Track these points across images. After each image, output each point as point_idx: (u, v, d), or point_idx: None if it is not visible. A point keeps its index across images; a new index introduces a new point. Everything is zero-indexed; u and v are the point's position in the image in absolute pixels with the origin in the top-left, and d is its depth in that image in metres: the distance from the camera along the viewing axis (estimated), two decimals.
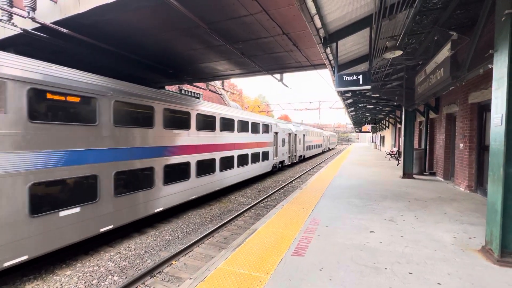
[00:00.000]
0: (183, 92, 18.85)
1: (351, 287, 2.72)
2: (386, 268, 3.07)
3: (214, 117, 9.30)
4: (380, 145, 33.10)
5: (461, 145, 7.39)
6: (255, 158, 12.87)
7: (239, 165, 11.16)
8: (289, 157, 19.54)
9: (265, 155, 14.17)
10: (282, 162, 17.73)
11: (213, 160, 9.23)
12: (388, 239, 3.94)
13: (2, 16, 5.84)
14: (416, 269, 3.06)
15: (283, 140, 17.66)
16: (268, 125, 14.62)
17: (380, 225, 4.55)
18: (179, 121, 7.62)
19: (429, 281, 2.81)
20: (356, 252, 3.51)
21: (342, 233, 4.18)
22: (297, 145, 21.54)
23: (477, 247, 3.62)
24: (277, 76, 11.90)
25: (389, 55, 5.73)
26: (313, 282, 2.81)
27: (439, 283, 2.76)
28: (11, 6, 5.84)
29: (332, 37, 5.79)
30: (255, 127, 12.90)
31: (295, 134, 20.92)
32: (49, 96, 4.56)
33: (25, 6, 5.65)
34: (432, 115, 10.60)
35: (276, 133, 16.29)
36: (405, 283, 2.77)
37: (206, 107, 8.98)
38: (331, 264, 3.19)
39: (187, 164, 7.85)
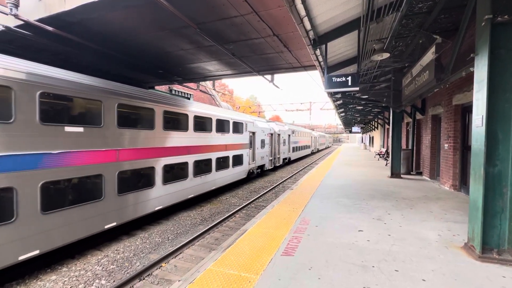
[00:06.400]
0: (173, 92, 18.64)
1: (339, 285, 2.76)
2: (373, 266, 3.13)
3: (307, 133, 31.62)
4: (370, 145, 33.74)
5: (446, 145, 7.62)
6: (305, 147, 29.69)
7: (301, 149, 27.22)
8: (315, 148, 38.90)
9: (308, 147, 31.88)
10: (313, 150, 36.35)
11: (304, 146, 29.27)
12: (375, 237, 4.02)
13: None
14: (402, 266, 3.13)
15: (313, 140, 36.85)
16: (310, 132, 33.92)
17: (368, 224, 4.64)
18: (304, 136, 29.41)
19: (414, 277, 2.88)
20: (345, 251, 3.57)
21: (331, 232, 4.24)
22: (317, 143, 42.33)
23: (460, 244, 3.74)
24: (268, 77, 11.96)
25: (377, 57, 5.86)
26: (302, 281, 2.84)
27: (423, 280, 2.84)
28: None
29: (321, 39, 5.87)
30: (306, 134, 30.47)
31: (316, 137, 40.02)
32: None
33: (7, 3, 5.48)
34: (418, 116, 10.88)
35: (311, 136, 34.20)
36: (391, 280, 2.83)
37: (299, 128, 29.47)
38: (320, 263, 3.23)
39: (302, 146, 28.44)
